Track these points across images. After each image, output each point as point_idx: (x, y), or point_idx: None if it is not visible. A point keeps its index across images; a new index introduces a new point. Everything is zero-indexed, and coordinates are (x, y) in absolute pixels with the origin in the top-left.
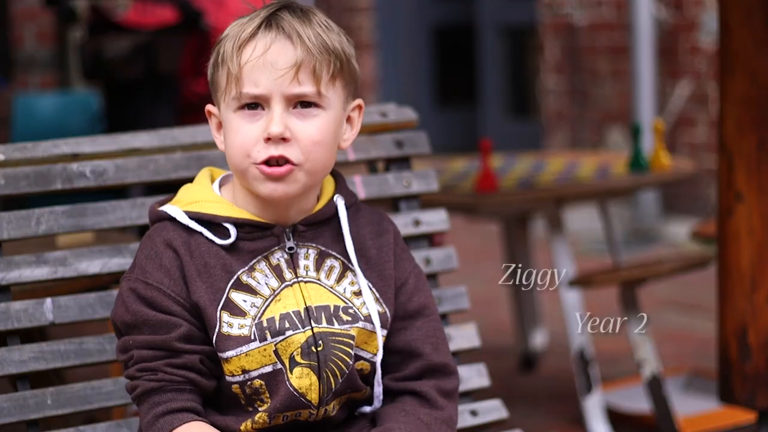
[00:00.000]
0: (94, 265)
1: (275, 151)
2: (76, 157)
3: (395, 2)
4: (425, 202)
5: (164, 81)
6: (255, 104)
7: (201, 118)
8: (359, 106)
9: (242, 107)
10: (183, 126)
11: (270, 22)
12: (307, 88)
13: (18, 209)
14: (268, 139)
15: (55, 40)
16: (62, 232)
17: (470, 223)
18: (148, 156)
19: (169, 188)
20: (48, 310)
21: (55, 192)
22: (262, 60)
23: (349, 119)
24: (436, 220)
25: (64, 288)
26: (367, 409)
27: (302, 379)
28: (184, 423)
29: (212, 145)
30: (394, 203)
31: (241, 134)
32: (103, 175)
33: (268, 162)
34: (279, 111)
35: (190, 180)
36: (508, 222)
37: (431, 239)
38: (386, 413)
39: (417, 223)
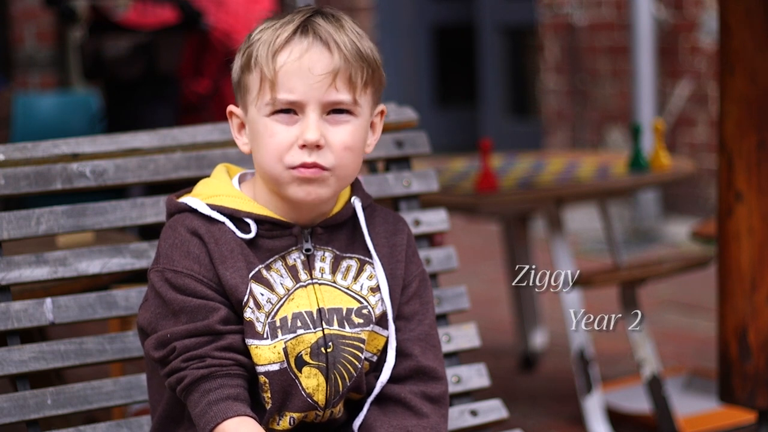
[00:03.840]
0: (94, 265)
1: (309, 158)
2: (76, 157)
3: (395, 2)
4: (425, 202)
5: (164, 81)
6: (288, 109)
7: (201, 118)
8: (382, 112)
9: (276, 112)
10: (183, 126)
11: (306, 27)
12: (343, 96)
13: (18, 209)
14: (303, 146)
15: (55, 40)
16: (62, 232)
17: (470, 223)
18: (148, 156)
19: (169, 188)
20: (48, 310)
21: (55, 192)
22: (298, 64)
23: (371, 125)
24: (436, 220)
25: (64, 288)
26: (359, 421)
27: (310, 380)
28: (237, 415)
29: (212, 145)
30: (394, 203)
31: (275, 139)
32: (103, 175)
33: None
34: (315, 118)
35: (190, 180)
36: (508, 222)
37: (431, 239)
38: (374, 427)
39: (417, 223)
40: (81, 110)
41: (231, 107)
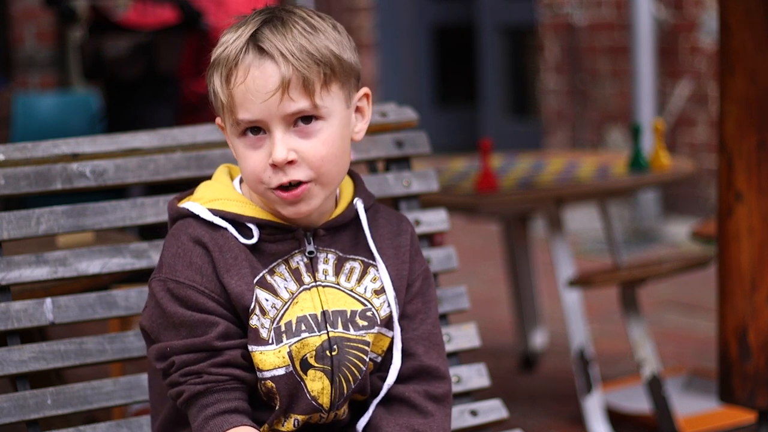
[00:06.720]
0: (94, 265)
1: (285, 177)
2: (76, 157)
3: (395, 2)
4: (425, 202)
5: (164, 81)
6: (255, 128)
7: (201, 118)
8: (366, 95)
9: (244, 133)
10: (183, 126)
11: (249, 43)
12: (301, 104)
13: (18, 209)
14: (275, 165)
15: (55, 40)
16: (62, 232)
17: (470, 223)
18: (148, 156)
19: (169, 188)
20: (48, 310)
21: (55, 192)
22: (245, 86)
23: (358, 109)
24: (436, 220)
25: (64, 288)
26: (363, 422)
27: (315, 383)
28: (233, 426)
29: (212, 145)
30: (394, 203)
31: (249, 162)
32: (103, 175)
33: (281, 186)
34: (280, 135)
35: (191, 180)
36: (508, 222)
37: (431, 239)
38: (380, 426)
39: (417, 223)
40: (81, 110)
41: (218, 120)
